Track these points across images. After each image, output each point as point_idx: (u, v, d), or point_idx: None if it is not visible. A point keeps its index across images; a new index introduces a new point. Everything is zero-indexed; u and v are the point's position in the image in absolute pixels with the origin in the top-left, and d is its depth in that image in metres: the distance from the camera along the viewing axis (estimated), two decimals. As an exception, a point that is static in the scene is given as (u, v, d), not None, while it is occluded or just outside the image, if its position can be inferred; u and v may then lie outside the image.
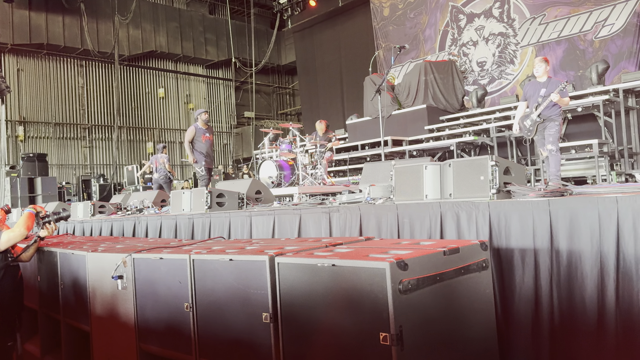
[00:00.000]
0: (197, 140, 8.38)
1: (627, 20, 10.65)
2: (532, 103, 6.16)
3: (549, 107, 5.98)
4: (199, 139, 8.36)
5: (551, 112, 6.01)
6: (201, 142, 8.39)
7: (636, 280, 2.44)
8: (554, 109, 6.01)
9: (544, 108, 5.97)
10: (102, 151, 19.92)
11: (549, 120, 6.02)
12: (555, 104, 5.93)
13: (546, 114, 6.03)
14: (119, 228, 6.15)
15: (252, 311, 2.31)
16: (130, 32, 19.56)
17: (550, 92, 5.90)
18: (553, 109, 6.01)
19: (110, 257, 3.28)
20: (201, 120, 8.47)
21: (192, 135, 8.37)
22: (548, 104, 5.92)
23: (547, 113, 6.02)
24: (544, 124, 6.07)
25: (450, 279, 2.09)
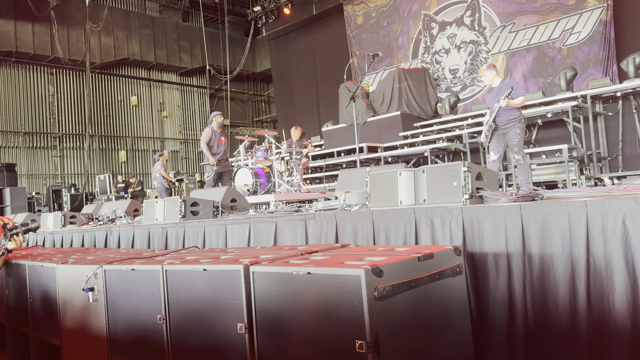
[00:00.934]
0: (212, 145, 8.11)
1: (593, 29, 10.98)
2: (490, 110, 6.01)
3: (504, 113, 5.78)
4: (215, 143, 8.10)
5: (508, 118, 5.80)
6: (216, 146, 8.16)
7: (606, 282, 2.49)
8: (510, 114, 5.81)
9: (496, 113, 5.78)
10: (73, 160, 19.52)
11: (508, 129, 5.82)
12: (510, 108, 5.74)
13: (502, 120, 5.82)
14: (90, 239, 6.02)
15: (227, 322, 2.28)
16: (102, 40, 19.28)
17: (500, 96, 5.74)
18: (509, 114, 5.80)
19: (80, 269, 3.20)
20: (216, 122, 8.19)
21: (208, 137, 8.07)
22: (499, 109, 5.74)
23: (503, 119, 5.81)
24: (503, 133, 5.87)
25: (425, 285, 2.10)
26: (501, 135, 5.91)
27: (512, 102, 5.67)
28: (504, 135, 5.89)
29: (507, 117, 5.79)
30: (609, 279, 2.47)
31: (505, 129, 5.84)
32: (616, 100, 8.62)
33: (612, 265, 2.47)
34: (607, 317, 2.44)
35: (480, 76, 6.14)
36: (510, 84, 5.83)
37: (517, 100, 5.71)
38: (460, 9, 13.44)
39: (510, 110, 5.75)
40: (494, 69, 6.04)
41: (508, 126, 5.82)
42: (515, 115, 5.81)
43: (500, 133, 5.90)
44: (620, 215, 2.45)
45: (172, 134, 22.19)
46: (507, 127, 5.83)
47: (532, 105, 9.22)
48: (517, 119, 5.81)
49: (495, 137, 5.95)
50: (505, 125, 5.83)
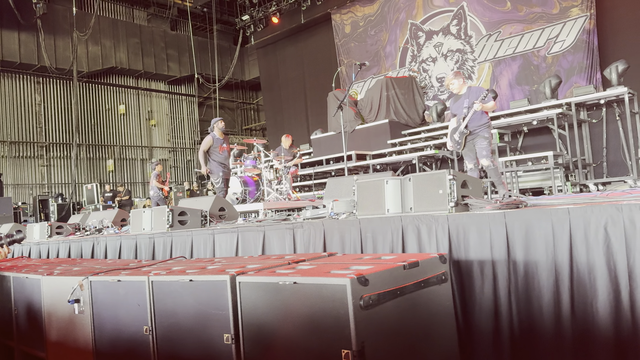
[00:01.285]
0: (213, 151, 7.93)
1: (577, 37, 11.14)
2: (459, 117, 5.99)
3: (476, 118, 5.79)
4: (216, 149, 7.92)
5: (479, 123, 5.83)
6: (218, 153, 8.00)
7: (589, 288, 2.52)
8: (481, 119, 5.83)
9: (469, 119, 5.79)
10: (60, 170, 19.34)
11: (477, 135, 5.85)
12: (481, 113, 5.78)
13: (473, 125, 5.84)
14: (77, 249, 5.96)
15: (214, 332, 2.27)
16: (89, 48, 19.20)
17: (472, 102, 5.75)
18: (480, 119, 5.82)
19: (66, 280, 3.17)
20: (218, 129, 8.02)
21: (208, 145, 7.89)
22: (473, 114, 5.75)
23: (474, 124, 5.83)
24: (473, 138, 5.89)
25: (411, 293, 2.11)
26: (470, 141, 5.94)
27: (485, 107, 5.71)
28: (472, 142, 5.91)
29: (477, 122, 5.83)
30: (592, 286, 2.51)
31: (475, 134, 5.87)
32: (600, 107, 8.75)
33: (595, 272, 2.50)
34: (591, 323, 2.47)
35: (448, 85, 6.10)
36: (479, 89, 5.88)
37: (490, 104, 5.77)
38: (446, 18, 13.58)
39: (481, 115, 5.80)
40: (462, 76, 6.09)
41: (477, 131, 5.85)
42: (485, 120, 5.86)
43: (470, 139, 5.93)
44: (602, 222, 2.49)
45: (160, 143, 22.09)
46: (476, 133, 5.86)
47: (518, 112, 9.32)
48: (486, 124, 5.86)
49: (467, 144, 5.98)
50: (474, 131, 5.86)
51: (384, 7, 15.07)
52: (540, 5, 11.79)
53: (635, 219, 2.40)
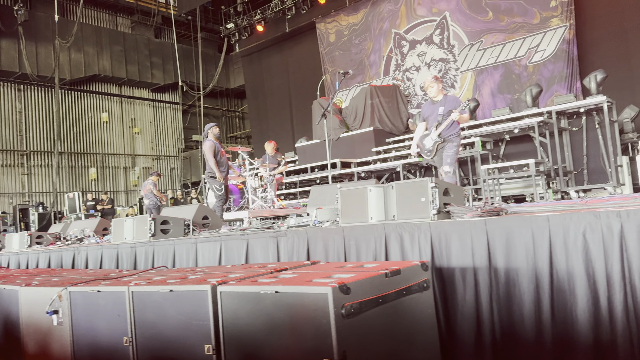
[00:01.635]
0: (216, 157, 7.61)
1: (557, 47, 11.34)
2: (430, 123, 5.91)
3: (449, 127, 5.75)
4: (218, 155, 7.62)
5: (450, 132, 5.79)
6: (220, 159, 7.74)
7: (569, 294, 2.55)
8: (452, 129, 5.80)
9: (444, 127, 5.73)
10: (41, 178, 19.06)
11: (447, 141, 5.81)
12: (455, 123, 5.74)
13: (445, 133, 5.79)
14: (57, 259, 5.87)
15: (194, 343, 2.25)
16: (72, 56, 19.01)
17: (449, 109, 5.71)
18: (452, 129, 5.79)
19: (44, 291, 3.12)
20: (212, 134, 7.67)
21: (214, 150, 7.52)
22: (449, 123, 5.70)
23: (446, 133, 5.79)
24: (443, 146, 5.85)
25: (393, 301, 2.12)
26: (440, 149, 5.89)
27: (461, 117, 5.69)
28: (442, 149, 5.87)
29: (450, 132, 5.80)
30: (571, 292, 2.54)
31: (446, 141, 5.83)
32: (580, 115, 8.89)
33: (574, 279, 2.54)
34: (571, 329, 2.49)
35: (427, 88, 5.96)
36: (457, 99, 5.86)
37: (465, 115, 5.80)
38: (429, 27, 13.74)
39: (454, 124, 5.77)
40: (440, 82, 6.00)
41: (449, 138, 5.82)
42: (456, 130, 5.84)
43: (440, 147, 5.88)
44: (580, 229, 2.53)
45: (143, 151, 21.91)
46: (447, 140, 5.82)
47: (500, 121, 9.44)
48: (456, 133, 5.84)
49: (437, 151, 5.91)
50: (446, 138, 5.83)
51: (368, 17, 15.19)
52: (521, 15, 11.99)
53: (612, 226, 2.44)
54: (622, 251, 2.41)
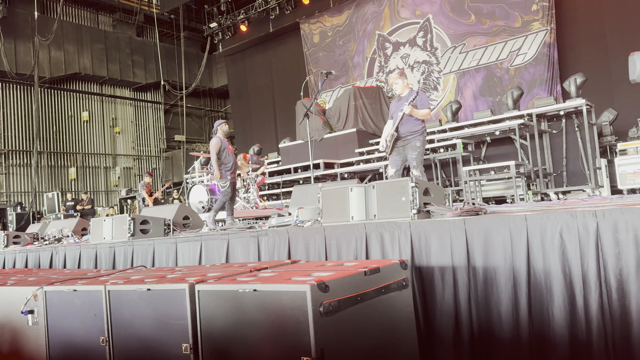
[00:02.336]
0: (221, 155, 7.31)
1: (538, 50, 11.51)
2: (395, 120, 5.57)
3: (407, 122, 5.42)
4: (225, 152, 7.33)
5: (412, 129, 5.46)
6: (228, 155, 7.54)
7: (546, 293, 2.58)
8: (413, 124, 5.45)
9: (399, 122, 5.40)
10: (20, 178, 18.70)
11: (408, 142, 5.48)
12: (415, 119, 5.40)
13: (405, 130, 5.45)
14: (34, 259, 5.77)
15: (172, 342, 2.22)
16: (51, 54, 18.71)
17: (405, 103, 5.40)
18: (413, 124, 5.45)
19: (19, 290, 3.05)
20: (222, 131, 7.38)
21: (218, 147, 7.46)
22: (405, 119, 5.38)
23: (405, 129, 5.45)
24: (404, 145, 5.51)
25: (371, 299, 2.12)
26: (401, 147, 5.56)
27: (416, 112, 5.35)
28: (404, 148, 5.54)
29: (410, 128, 5.46)
30: (548, 291, 2.57)
31: (407, 140, 5.49)
32: (560, 118, 9.02)
33: (551, 277, 2.57)
34: (547, 326, 2.52)
35: (392, 85, 5.65)
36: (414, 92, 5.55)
37: (423, 111, 5.41)
38: (413, 29, 13.83)
39: (415, 121, 5.44)
40: (405, 77, 5.72)
41: (409, 138, 5.47)
42: (419, 127, 5.50)
43: (401, 145, 5.55)
44: (557, 228, 2.56)
45: (124, 151, 21.65)
46: (407, 139, 5.49)
47: (481, 123, 9.53)
48: (419, 132, 5.50)
49: (395, 149, 5.59)
50: (406, 137, 5.48)
51: (352, 18, 15.23)
52: (503, 19, 12.13)
53: (588, 225, 2.48)
54: (598, 250, 2.45)
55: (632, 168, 7.66)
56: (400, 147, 5.53)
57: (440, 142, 9.58)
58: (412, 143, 5.45)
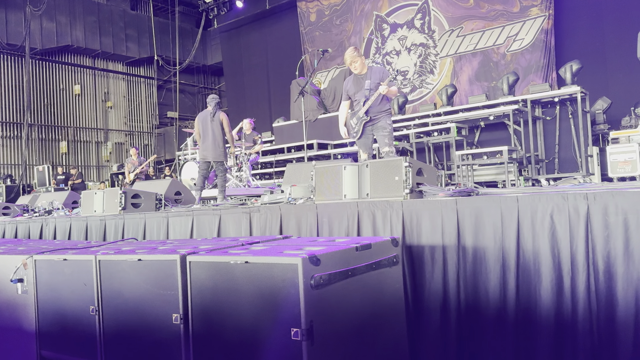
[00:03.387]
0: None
1: (536, 36, 11.46)
2: (357, 100, 5.30)
3: (377, 103, 5.17)
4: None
5: (380, 109, 5.23)
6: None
7: (534, 274, 2.61)
8: (383, 106, 5.24)
9: (372, 102, 5.14)
10: (10, 150, 18.50)
11: (376, 123, 5.26)
12: (383, 97, 5.16)
13: (374, 110, 5.21)
14: (24, 231, 5.74)
15: (162, 312, 2.23)
16: (43, 25, 18.36)
17: (376, 82, 5.12)
18: (382, 105, 5.23)
19: (9, 259, 3.04)
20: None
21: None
22: (377, 97, 5.12)
23: (375, 109, 5.20)
24: (372, 126, 5.28)
25: (362, 274, 2.13)
26: (369, 128, 5.31)
27: (390, 90, 5.09)
28: (372, 128, 5.30)
29: (379, 108, 5.23)
30: (536, 271, 2.60)
31: (374, 121, 5.25)
32: (554, 105, 9.04)
33: (540, 258, 2.60)
34: (534, 306, 2.56)
35: (351, 63, 5.24)
36: (384, 70, 5.30)
37: (394, 88, 5.18)
38: (411, 11, 13.70)
39: (383, 100, 5.22)
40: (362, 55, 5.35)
41: (378, 117, 5.24)
42: (387, 107, 5.30)
43: (369, 126, 5.29)
44: (548, 210, 2.58)
45: (116, 126, 21.45)
46: (377, 119, 5.25)
47: (476, 107, 9.53)
48: (387, 112, 5.29)
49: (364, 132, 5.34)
50: (375, 116, 5.24)
51: (350, -3, 15.07)
52: (502, 4, 12.05)
53: (579, 208, 2.50)
54: (587, 233, 2.47)
55: (624, 157, 7.72)
56: (368, 128, 5.31)
57: (435, 126, 9.58)
58: (381, 123, 5.24)
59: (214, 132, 7.15)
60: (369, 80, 5.18)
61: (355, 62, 5.22)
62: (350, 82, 5.42)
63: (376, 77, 5.18)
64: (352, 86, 5.37)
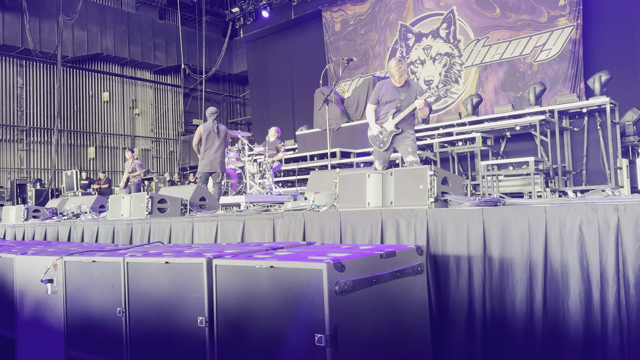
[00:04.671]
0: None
1: (564, 47, 11.31)
2: (387, 110, 5.27)
3: (409, 116, 5.21)
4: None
5: (408, 122, 5.26)
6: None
7: (562, 286, 2.56)
8: (412, 119, 5.30)
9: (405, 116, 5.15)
10: (40, 155, 19.02)
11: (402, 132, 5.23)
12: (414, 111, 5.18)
13: (405, 124, 5.24)
14: (53, 233, 5.87)
15: (188, 315, 2.26)
16: (75, 33, 18.88)
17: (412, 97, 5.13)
18: (412, 119, 5.28)
19: (40, 260, 3.12)
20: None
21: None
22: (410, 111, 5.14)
23: (406, 123, 5.24)
24: (396, 135, 5.25)
25: (386, 282, 2.12)
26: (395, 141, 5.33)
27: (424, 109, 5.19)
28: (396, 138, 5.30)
29: (410, 121, 5.30)
30: (564, 284, 2.55)
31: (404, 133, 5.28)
32: (582, 116, 8.88)
33: (568, 270, 2.54)
34: (562, 320, 2.51)
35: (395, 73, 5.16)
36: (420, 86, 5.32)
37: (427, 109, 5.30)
38: (436, 21, 13.68)
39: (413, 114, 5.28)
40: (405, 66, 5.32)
41: (405, 128, 5.26)
42: (414, 120, 5.42)
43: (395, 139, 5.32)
44: (577, 222, 2.53)
45: (143, 132, 21.86)
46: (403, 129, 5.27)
47: (502, 117, 9.43)
48: (413, 124, 5.37)
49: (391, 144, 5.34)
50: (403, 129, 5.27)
51: (375, 7, 15.11)
52: (529, 13, 11.94)
53: (609, 220, 2.45)
54: (618, 245, 2.42)
55: (655, 169, 7.53)
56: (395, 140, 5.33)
57: (459, 136, 9.50)
58: (407, 132, 5.25)
59: (220, 146, 7.73)
60: (406, 94, 5.17)
61: (402, 75, 5.18)
62: (385, 88, 5.36)
63: (413, 91, 5.20)
64: (386, 93, 5.32)
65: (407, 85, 5.24)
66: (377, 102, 5.44)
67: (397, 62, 5.21)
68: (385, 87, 5.36)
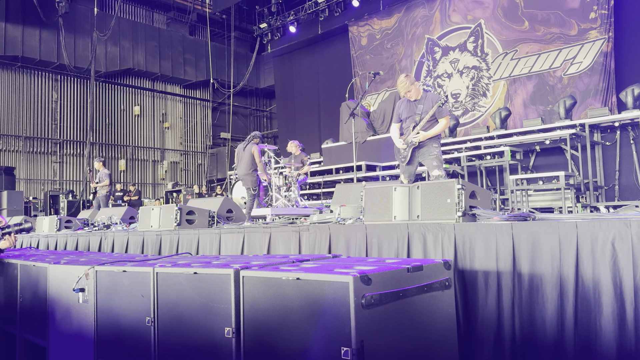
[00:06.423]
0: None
1: (594, 60, 11.11)
2: (408, 125, 5.29)
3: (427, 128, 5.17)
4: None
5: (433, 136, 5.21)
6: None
7: (594, 304, 2.50)
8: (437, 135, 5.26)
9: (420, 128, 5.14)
10: (72, 167, 19.54)
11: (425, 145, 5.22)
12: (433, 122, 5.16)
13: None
14: (84, 243, 6.01)
15: (215, 325, 2.28)
16: (108, 49, 19.45)
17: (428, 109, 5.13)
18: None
19: (72, 269, 3.20)
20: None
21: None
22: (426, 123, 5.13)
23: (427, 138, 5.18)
24: (419, 149, 5.24)
25: (413, 296, 2.11)
26: (416, 153, 5.30)
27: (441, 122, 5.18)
28: (418, 153, 5.28)
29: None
30: (596, 301, 2.49)
31: (423, 145, 5.23)
32: (614, 130, 8.69)
33: (600, 287, 2.49)
34: (594, 339, 2.44)
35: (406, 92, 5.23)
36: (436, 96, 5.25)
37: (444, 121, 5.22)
38: (463, 34, 13.62)
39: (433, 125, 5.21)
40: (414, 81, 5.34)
41: (425, 142, 5.22)
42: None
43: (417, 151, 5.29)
44: (609, 238, 2.48)
45: (172, 145, 22.26)
46: (424, 144, 5.23)
47: (531, 131, 9.30)
48: (437, 137, 5.30)
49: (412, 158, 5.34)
50: (423, 142, 5.23)
51: (402, 22, 15.15)
52: (558, 27, 11.78)
53: (643, 236, 2.39)
54: (652, 262, 2.35)
55: (691, 185, 7.29)
56: (416, 153, 5.31)
57: (487, 149, 9.40)
58: (428, 147, 5.22)
59: (244, 162, 8.40)
60: (422, 106, 5.19)
61: (409, 92, 5.24)
62: (403, 105, 5.43)
63: (429, 103, 5.18)
64: (404, 110, 5.38)
65: (423, 98, 5.27)
66: (399, 120, 5.48)
67: (403, 77, 5.28)
68: (402, 104, 5.45)
